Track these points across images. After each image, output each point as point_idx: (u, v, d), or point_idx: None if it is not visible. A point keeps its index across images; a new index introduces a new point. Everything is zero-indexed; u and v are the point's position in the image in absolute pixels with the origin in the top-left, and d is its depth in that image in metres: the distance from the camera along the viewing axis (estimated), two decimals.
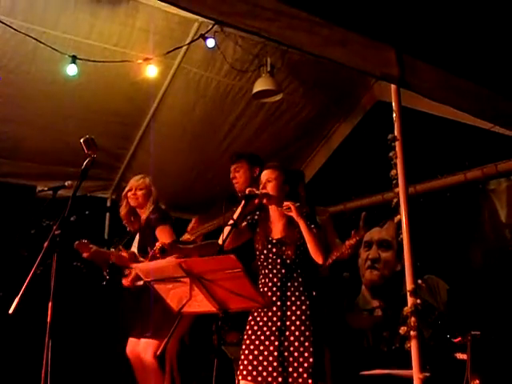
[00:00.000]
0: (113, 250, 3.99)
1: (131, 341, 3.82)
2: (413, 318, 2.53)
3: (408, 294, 2.59)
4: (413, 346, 2.54)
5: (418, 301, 2.56)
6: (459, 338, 3.61)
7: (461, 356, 3.59)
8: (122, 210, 4.08)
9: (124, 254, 3.82)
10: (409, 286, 2.60)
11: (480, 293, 4.58)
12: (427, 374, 2.49)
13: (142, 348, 3.70)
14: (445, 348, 3.76)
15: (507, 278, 4.56)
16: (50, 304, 2.66)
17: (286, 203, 3.04)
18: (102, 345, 4.87)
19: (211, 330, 2.77)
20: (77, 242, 3.80)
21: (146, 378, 3.71)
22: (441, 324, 4.33)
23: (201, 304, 2.45)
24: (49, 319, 2.64)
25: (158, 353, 3.54)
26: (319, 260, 2.95)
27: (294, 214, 2.98)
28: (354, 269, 5.66)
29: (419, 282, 2.62)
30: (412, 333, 2.53)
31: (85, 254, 3.82)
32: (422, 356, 2.52)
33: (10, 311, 2.57)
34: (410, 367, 2.56)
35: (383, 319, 5.22)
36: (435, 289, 4.83)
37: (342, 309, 4.26)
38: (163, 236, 3.73)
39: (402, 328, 2.57)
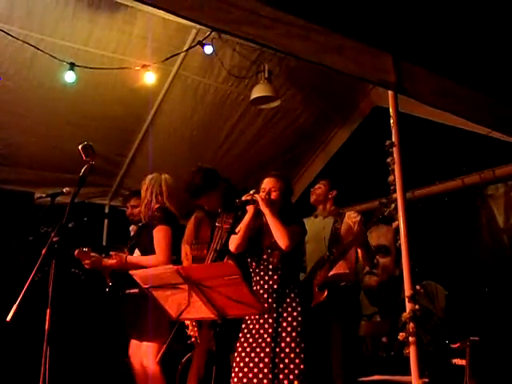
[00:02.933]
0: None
1: (133, 343, 3.82)
2: (411, 324, 2.53)
3: (406, 299, 2.58)
4: (411, 351, 2.53)
5: (417, 306, 2.56)
6: (458, 344, 3.61)
7: (459, 362, 3.58)
8: None
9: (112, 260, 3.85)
10: (407, 291, 2.59)
11: (478, 298, 4.58)
12: (426, 380, 2.49)
13: (143, 353, 3.70)
14: (443, 354, 3.76)
15: (505, 283, 4.56)
16: (48, 311, 2.66)
17: (255, 196, 3.05)
18: (100, 351, 4.86)
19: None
20: (77, 251, 3.79)
21: (147, 382, 3.69)
22: (439, 330, 4.32)
23: (199, 310, 2.45)
24: (47, 326, 2.63)
25: (158, 358, 3.52)
26: (283, 244, 2.95)
27: (260, 204, 3.00)
28: None
29: (417, 287, 2.61)
30: (410, 339, 2.52)
31: (86, 262, 3.82)
32: (420, 362, 2.51)
33: (8, 318, 2.56)
34: (408, 373, 2.55)
35: (382, 325, 5.21)
36: (433, 294, 4.82)
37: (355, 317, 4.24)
38: (158, 238, 3.77)
39: (401, 334, 2.57)
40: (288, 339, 2.88)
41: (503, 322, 4.21)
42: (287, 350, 2.86)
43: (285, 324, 2.92)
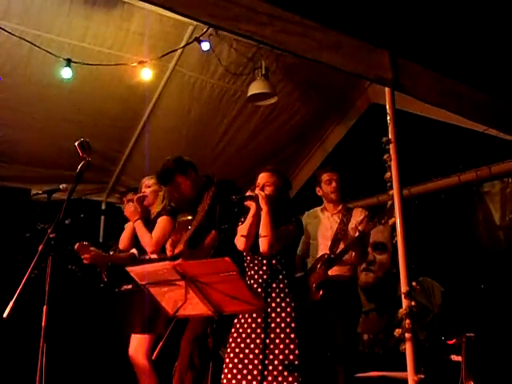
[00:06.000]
0: (111, 253, 4.02)
1: (133, 338, 3.82)
2: (407, 320, 2.54)
3: (403, 296, 2.59)
4: (407, 348, 2.54)
5: (413, 303, 2.57)
6: (454, 340, 3.62)
7: (455, 358, 3.59)
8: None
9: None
10: (403, 288, 2.60)
11: (474, 295, 4.60)
12: (422, 376, 2.50)
13: (133, 347, 3.68)
14: (439, 350, 3.77)
15: (501, 279, 4.58)
16: (44, 308, 2.66)
17: (257, 192, 3.06)
18: (97, 348, 4.86)
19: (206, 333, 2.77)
20: (77, 244, 3.80)
21: (140, 377, 3.69)
22: (435, 326, 4.34)
23: (196, 307, 2.45)
24: (43, 323, 2.63)
25: (155, 355, 3.51)
26: (263, 247, 2.96)
27: (261, 201, 3.01)
28: None
29: (414, 284, 2.62)
30: (407, 335, 2.54)
31: (85, 257, 3.82)
32: (416, 358, 2.52)
33: (5, 315, 2.56)
34: (405, 369, 2.56)
35: (378, 321, 5.23)
36: (430, 291, 4.84)
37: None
38: (159, 225, 3.79)
39: (397, 330, 2.58)
40: (282, 335, 2.87)
41: (499, 318, 4.23)
42: (281, 346, 2.85)
43: (278, 319, 2.91)
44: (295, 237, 3.14)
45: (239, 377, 2.89)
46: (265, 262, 3.04)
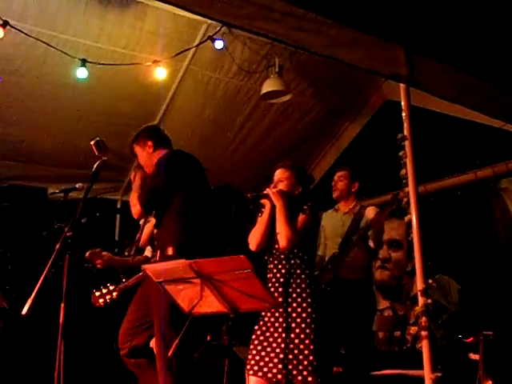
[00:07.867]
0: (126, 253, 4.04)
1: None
2: (424, 318, 2.52)
3: (419, 293, 2.57)
4: (424, 346, 2.52)
5: (429, 301, 2.55)
6: (471, 338, 3.59)
7: (473, 356, 3.56)
8: None
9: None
10: (420, 285, 2.58)
11: (492, 292, 4.55)
12: (439, 374, 2.48)
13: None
14: (457, 348, 3.74)
15: None
16: (62, 305, 2.69)
17: (267, 190, 3.05)
18: (114, 345, 4.90)
19: (221, 330, 2.78)
20: (88, 253, 3.83)
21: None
22: (452, 324, 4.30)
23: (211, 305, 2.46)
24: (61, 320, 2.66)
25: (170, 353, 3.51)
26: (281, 243, 2.95)
27: (272, 197, 3.00)
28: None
29: (430, 281, 2.60)
30: (423, 333, 2.52)
31: (98, 262, 3.85)
32: (433, 356, 2.51)
33: (23, 312, 2.59)
34: (421, 367, 2.55)
35: (394, 319, 5.20)
36: (446, 288, 4.80)
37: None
38: None
39: (413, 328, 2.57)
40: (302, 335, 2.85)
41: None
42: (296, 341, 2.83)
43: (294, 315, 2.89)
44: (310, 225, 3.07)
45: (260, 374, 2.88)
46: (282, 256, 3.03)
